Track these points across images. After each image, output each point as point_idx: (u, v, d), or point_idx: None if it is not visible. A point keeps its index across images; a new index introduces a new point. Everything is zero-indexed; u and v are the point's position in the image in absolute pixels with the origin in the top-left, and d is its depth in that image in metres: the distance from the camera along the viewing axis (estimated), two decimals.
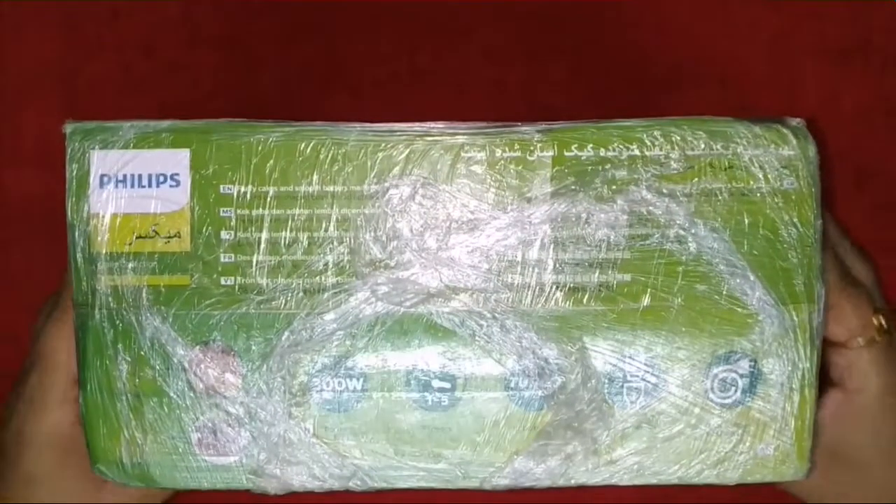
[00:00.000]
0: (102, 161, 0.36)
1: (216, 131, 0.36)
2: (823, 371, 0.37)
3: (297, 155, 0.36)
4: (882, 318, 0.38)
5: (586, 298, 0.36)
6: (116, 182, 0.36)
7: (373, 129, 0.36)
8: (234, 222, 0.36)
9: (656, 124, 0.36)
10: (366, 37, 0.48)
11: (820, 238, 0.36)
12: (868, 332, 0.38)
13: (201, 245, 0.36)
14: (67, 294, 0.37)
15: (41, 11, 0.48)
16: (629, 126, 0.36)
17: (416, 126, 0.36)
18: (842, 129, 0.47)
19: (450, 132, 0.36)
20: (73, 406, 0.38)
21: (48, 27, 0.48)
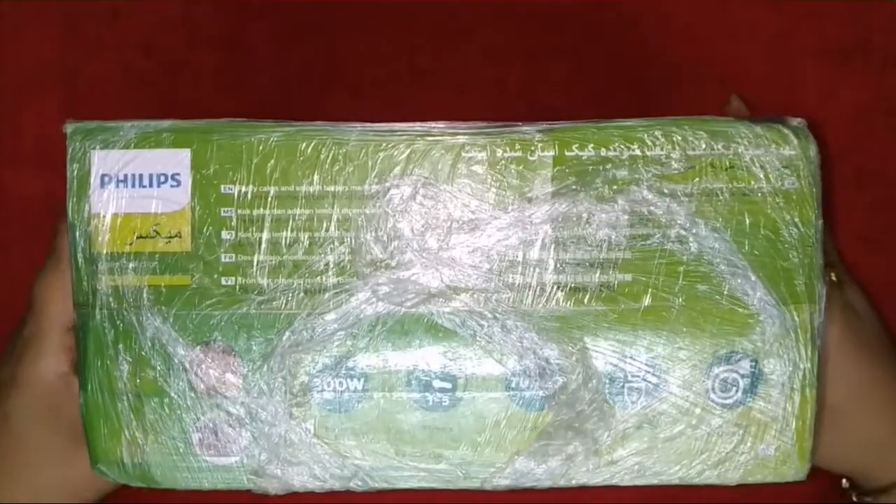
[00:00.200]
0: (103, 161, 0.35)
1: (217, 131, 0.36)
2: None
3: (298, 155, 0.36)
4: (833, 273, 0.40)
5: (587, 298, 0.36)
6: (117, 182, 0.36)
7: (374, 129, 0.36)
8: (235, 222, 0.36)
9: (657, 124, 0.36)
10: (366, 37, 0.48)
11: (821, 238, 0.36)
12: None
13: (202, 245, 0.36)
14: (60, 243, 0.37)
15: (41, 11, 0.48)
16: (630, 126, 0.36)
17: (417, 126, 0.36)
18: (842, 129, 0.47)
19: (451, 132, 0.36)
20: (65, 356, 0.38)
21: (48, 27, 0.48)
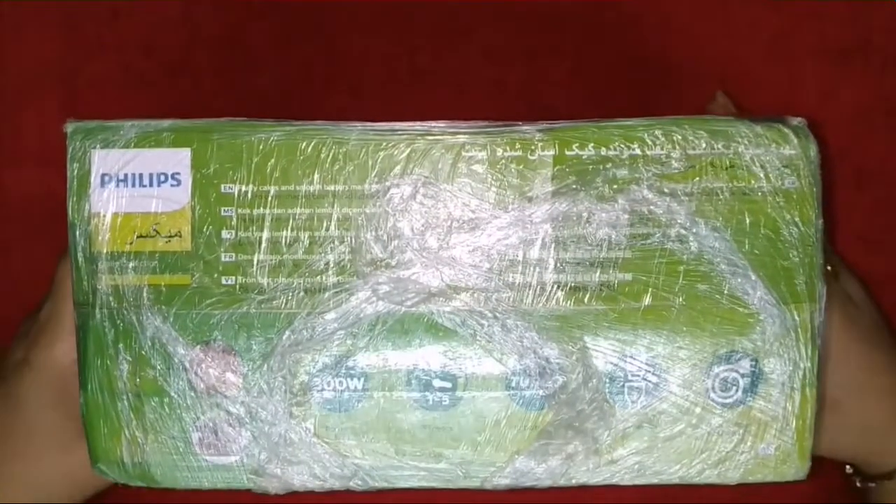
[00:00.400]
0: (103, 160, 0.35)
1: (217, 130, 0.36)
2: None
3: (299, 154, 0.36)
4: (829, 265, 0.40)
5: (587, 298, 0.36)
6: (117, 181, 0.35)
7: (374, 129, 0.36)
8: (235, 221, 0.36)
9: (657, 123, 0.36)
10: (366, 37, 0.48)
11: (821, 237, 0.36)
12: None
13: (202, 244, 0.36)
14: None
15: (41, 11, 0.48)
16: (630, 125, 0.36)
17: (418, 125, 0.36)
18: (842, 129, 0.47)
19: (451, 131, 0.36)
20: None
21: (48, 27, 0.48)
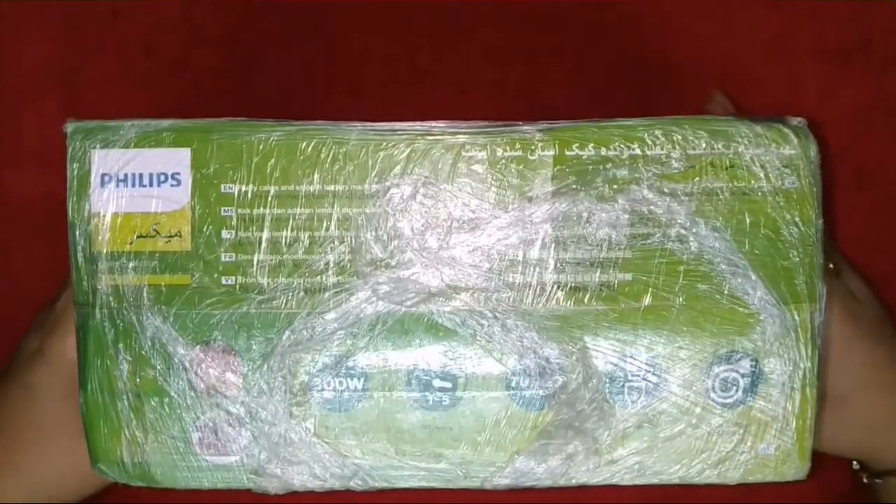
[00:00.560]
0: (103, 160, 0.35)
1: (217, 130, 0.36)
2: None
3: (299, 154, 0.36)
4: (831, 262, 0.40)
5: (587, 298, 0.36)
6: (117, 181, 0.35)
7: (374, 129, 0.36)
8: (235, 221, 0.36)
9: (657, 123, 0.36)
10: (366, 37, 0.48)
11: (821, 237, 0.36)
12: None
13: (202, 244, 0.36)
14: None
15: (41, 11, 0.48)
16: (630, 125, 0.36)
17: (418, 125, 0.36)
18: (842, 129, 0.47)
19: (451, 131, 0.36)
20: None
21: (48, 27, 0.48)
